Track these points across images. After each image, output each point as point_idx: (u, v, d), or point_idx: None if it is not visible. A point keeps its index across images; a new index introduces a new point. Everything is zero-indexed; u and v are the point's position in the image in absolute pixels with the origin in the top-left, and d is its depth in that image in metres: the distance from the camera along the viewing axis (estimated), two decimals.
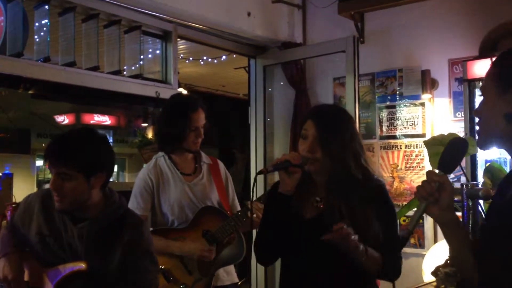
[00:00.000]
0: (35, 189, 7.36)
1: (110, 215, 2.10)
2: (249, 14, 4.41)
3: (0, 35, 3.48)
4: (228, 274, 2.90)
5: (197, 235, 2.75)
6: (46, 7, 3.54)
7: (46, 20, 3.52)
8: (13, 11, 3.39)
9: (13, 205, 3.05)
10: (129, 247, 2.08)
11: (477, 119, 1.51)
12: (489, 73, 1.46)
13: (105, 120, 8.42)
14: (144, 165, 2.99)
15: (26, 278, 2.07)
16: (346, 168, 1.98)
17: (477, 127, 1.50)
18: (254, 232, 2.33)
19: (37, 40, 3.52)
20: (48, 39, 3.50)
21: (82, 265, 2.03)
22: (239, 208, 2.94)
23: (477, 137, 1.51)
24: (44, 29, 3.55)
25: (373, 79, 4.60)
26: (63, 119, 9.88)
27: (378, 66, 4.57)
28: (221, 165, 3.02)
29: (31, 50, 3.49)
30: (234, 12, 4.31)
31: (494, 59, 1.50)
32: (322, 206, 2.02)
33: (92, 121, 8.47)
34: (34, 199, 2.17)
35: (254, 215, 2.61)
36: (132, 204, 2.77)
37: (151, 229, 2.72)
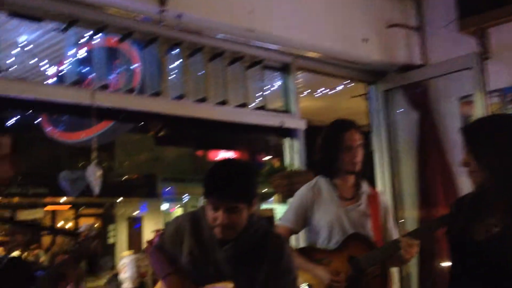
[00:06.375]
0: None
1: (252, 236, 2.15)
2: (365, 41, 4.43)
3: (137, 79, 3.81)
4: None
5: (343, 259, 2.74)
6: (175, 51, 3.81)
7: (178, 62, 3.79)
8: (149, 55, 3.70)
9: (160, 231, 3.22)
10: (272, 265, 2.11)
11: None
12: None
13: (230, 156, 8.75)
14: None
15: None
16: (508, 177, 1.83)
17: None
18: None
19: (171, 79, 3.79)
20: (180, 79, 3.76)
21: (230, 286, 2.10)
22: None
23: None
24: (176, 70, 3.82)
25: (502, 96, 4.35)
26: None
27: (506, 82, 4.32)
28: (382, 197, 3.00)
29: (166, 90, 3.76)
30: (350, 39, 4.35)
31: None
32: (498, 230, 1.87)
33: (217, 158, 8.86)
34: (184, 222, 2.26)
35: (403, 251, 2.58)
36: (285, 216, 2.93)
37: (300, 246, 2.75)
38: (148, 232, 12.43)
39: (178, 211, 14.19)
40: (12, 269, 1.82)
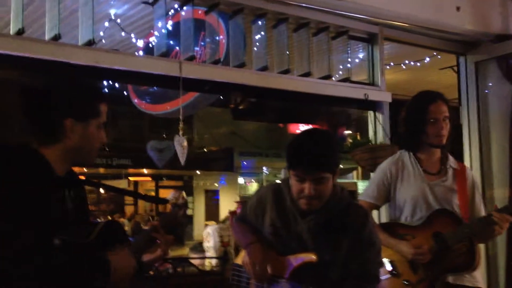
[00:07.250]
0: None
1: (334, 206, 2.12)
2: (458, 9, 4.20)
3: (222, 50, 3.84)
4: (471, 276, 2.71)
5: (427, 235, 2.64)
6: (260, 22, 3.79)
7: (262, 33, 3.77)
8: (234, 26, 3.70)
9: (241, 203, 3.28)
10: (355, 237, 2.07)
11: None
12: None
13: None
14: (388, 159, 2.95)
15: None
16: None
17: None
18: None
19: (255, 51, 3.78)
20: (264, 50, 3.74)
21: (313, 257, 2.08)
22: None
23: None
24: (257, 44, 3.81)
25: None
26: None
27: None
28: (469, 172, 2.84)
29: (250, 61, 3.76)
30: (442, 8, 4.15)
31: None
32: None
33: (297, 131, 8.86)
34: (266, 193, 2.27)
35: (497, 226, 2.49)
36: (367, 191, 2.86)
37: (382, 222, 2.69)
38: (225, 205, 12.72)
39: (254, 185, 14.37)
40: (110, 232, 1.89)
